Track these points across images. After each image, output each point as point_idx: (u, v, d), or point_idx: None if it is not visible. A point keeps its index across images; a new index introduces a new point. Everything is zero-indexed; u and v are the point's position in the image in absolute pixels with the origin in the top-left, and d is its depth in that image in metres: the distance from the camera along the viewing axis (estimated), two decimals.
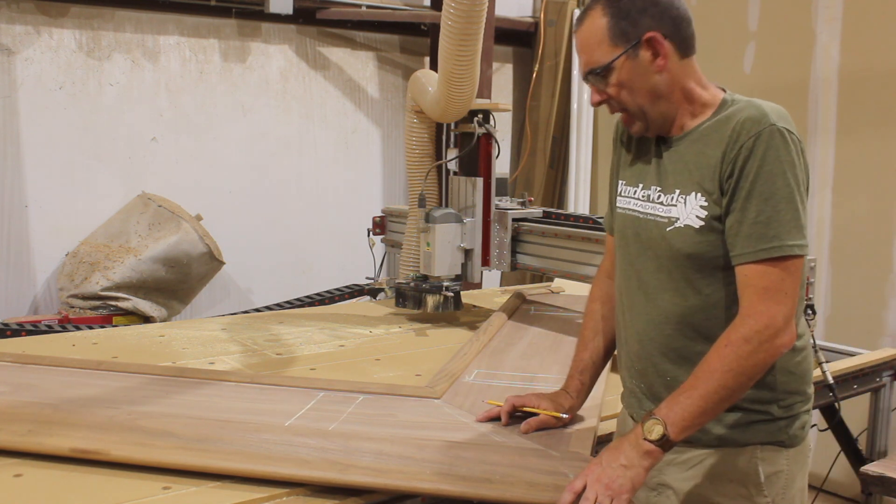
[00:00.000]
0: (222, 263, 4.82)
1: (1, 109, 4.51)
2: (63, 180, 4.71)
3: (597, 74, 1.63)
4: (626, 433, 1.57)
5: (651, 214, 1.68)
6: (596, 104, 1.69)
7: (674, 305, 1.64)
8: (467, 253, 3.25)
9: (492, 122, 3.27)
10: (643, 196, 1.71)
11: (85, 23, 4.71)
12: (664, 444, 1.49)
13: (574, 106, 6.06)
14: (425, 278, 3.21)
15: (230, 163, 5.23)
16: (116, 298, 4.41)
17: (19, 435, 1.75)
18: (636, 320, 1.72)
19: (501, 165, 4.37)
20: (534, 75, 6.21)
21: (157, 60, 4.95)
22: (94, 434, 1.75)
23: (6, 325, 3.19)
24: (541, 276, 4.05)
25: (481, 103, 3.21)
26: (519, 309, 3.21)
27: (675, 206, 1.63)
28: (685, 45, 1.64)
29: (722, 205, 1.56)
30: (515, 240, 3.26)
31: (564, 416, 1.87)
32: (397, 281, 3.38)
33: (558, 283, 3.76)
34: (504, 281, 5.72)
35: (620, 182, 1.81)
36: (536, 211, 3.38)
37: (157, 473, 1.63)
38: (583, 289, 3.44)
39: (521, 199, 3.45)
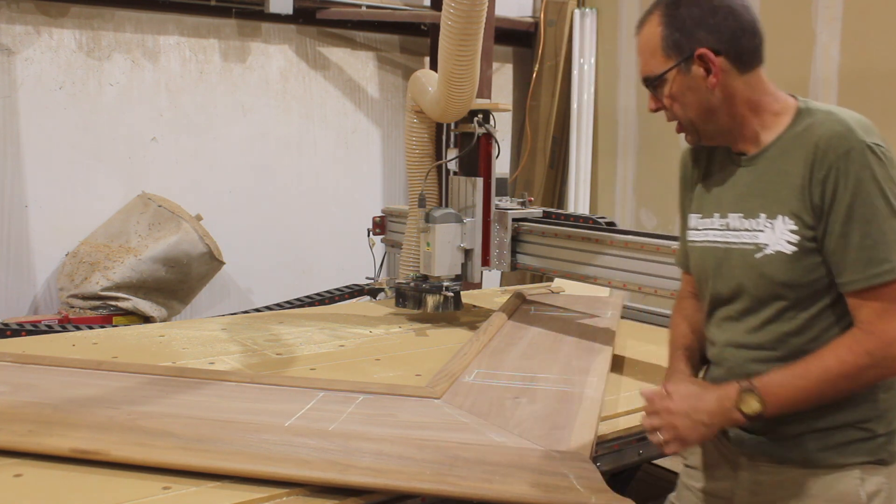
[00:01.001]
0: (222, 263, 4.82)
1: (1, 109, 4.51)
2: (63, 180, 4.71)
3: (651, 83, 1.61)
4: (718, 387, 1.54)
5: (735, 243, 1.61)
6: (652, 111, 1.66)
7: (769, 334, 1.58)
8: (467, 253, 3.25)
9: (492, 122, 3.27)
10: (722, 225, 1.65)
11: (85, 23, 4.71)
12: (755, 419, 1.48)
13: (574, 106, 6.06)
14: (425, 278, 3.21)
15: (230, 163, 5.24)
16: (116, 298, 4.41)
17: (19, 435, 1.75)
18: (725, 351, 1.66)
19: (501, 165, 4.37)
20: (534, 75, 6.21)
21: (157, 60, 4.95)
22: (94, 434, 1.75)
23: (6, 325, 3.19)
24: (541, 276, 4.05)
25: (481, 103, 3.21)
26: (519, 309, 3.21)
27: (762, 231, 1.56)
28: (746, 59, 1.56)
29: (816, 228, 1.50)
30: (515, 240, 3.26)
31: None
32: (397, 281, 3.38)
33: (558, 283, 3.76)
34: (504, 281, 5.72)
35: (694, 216, 1.73)
36: (536, 211, 3.38)
37: (157, 473, 1.63)
38: (583, 289, 3.45)
39: (521, 199, 3.45)
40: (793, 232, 1.52)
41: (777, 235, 1.54)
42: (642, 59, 1.62)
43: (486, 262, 3.29)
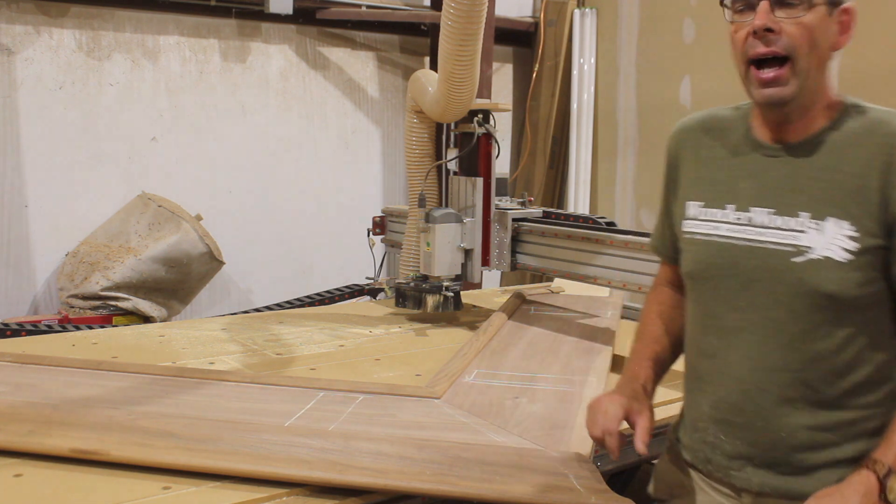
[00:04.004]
0: (222, 263, 4.82)
1: (1, 109, 4.51)
2: (63, 180, 4.71)
3: None
4: (850, 486, 1.31)
5: (761, 241, 1.41)
6: (761, 28, 1.36)
7: (795, 350, 1.39)
8: (467, 253, 3.25)
9: (492, 122, 3.27)
10: (738, 219, 1.45)
11: (85, 23, 4.71)
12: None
13: (574, 106, 6.06)
14: (425, 278, 3.21)
15: (230, 163, 5.24)
16: (116, 298, 4.41)
17: (19, 435, 1.75)
18: (736, 368, 1.45)
19: (501, 165, 4.37)
20: (534, 75, 6.21)
21: (157, 60, 4.95)
22: (94, 434, 1.75)
23: (6, 325, 3.19)
24: (541, 276, 4.05)
25: (481, 103, 3.21)
26: (519, 309, 3.21)
27: (805, 232, 1.36)
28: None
29: (884, 236, 1.33)
30: (515, 240, 3.26)
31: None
32: (397, 281, 3.38)
33: (558, 283, 3.76)
34: (504, 281, 5.72)
35: (691, 203, 1.54)
36: (536, 211, 3.38)
37: (157, 473, 1.63)
38: (583, 289, 3.45)
39: (521, 199, 3.45)
40: (851, 238, 1.33)
41: (828, 239, 1.34)
42: None
43: (486, 262, 3.29)
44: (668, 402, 2.23)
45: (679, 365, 1.66)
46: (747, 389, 1.44)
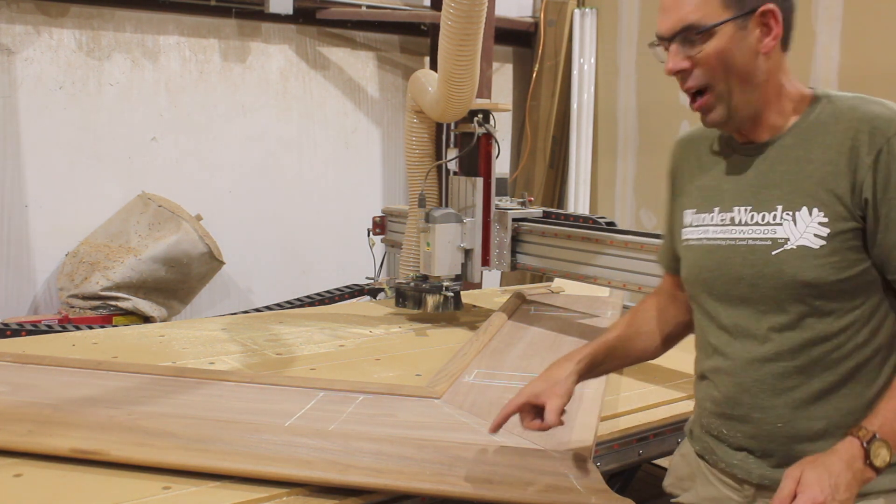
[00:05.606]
0: (222, 263, 4.82)
1: (1, 109, 4.51)
2: (63, 180, 4.71)
3: (692, 34, 1.39)
4: (836, 454, 1.29)
5: (743, 239, 1.45)
6: (672, 72, 1.44)
7: (788, 339, 1.42)
8: (467, 253, 3.25)
9: (492, 122, 3.27)
10: (723, 220, 1.49)
11: (85, 23, 4.71)
12: (886, 468, 1.30)
13: (574, 106, 6.06)
14: (425, 278, 3.21)
15: (230, 163, 5.24)
16: (116, 298, 4.41)
17: (19, 435, 1.75)
18: (733, 363, 1.49)
19: (501, 165, 4.36)
20: (534, 75, 6.21)
21: (157, 60, 4.96)
22: (94, 434, 1.75)
23: (6, 325, 3.19)
24: (541, 276, 4.05)
25: (481, 103, 3.21)
26: (519, 309, 3.21)
27: (780, 224, 1.40)
28: (788, 36, 1.44)
29: (857, 218, 1.36)
30: (515, 240, 3.26)
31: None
32: (397, 281, 3.38)
33: (558, 283, 3.76)
34: (504, 281, 5.72)
35: (687, 212, 1.58)
36: (536, 211, 3.38)
37: (157, 473, 1.63)
38: (583, 289, 3.45)
39: (521, 199, 3.45)
40: (822, 224, 1.36)
41: (801, 229, 1.38)
42: (681, 8, 1.40)
43: (486, 262, 3.29)
44: (671, 401, 2.23)
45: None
46: (743, 382, 1.48)
